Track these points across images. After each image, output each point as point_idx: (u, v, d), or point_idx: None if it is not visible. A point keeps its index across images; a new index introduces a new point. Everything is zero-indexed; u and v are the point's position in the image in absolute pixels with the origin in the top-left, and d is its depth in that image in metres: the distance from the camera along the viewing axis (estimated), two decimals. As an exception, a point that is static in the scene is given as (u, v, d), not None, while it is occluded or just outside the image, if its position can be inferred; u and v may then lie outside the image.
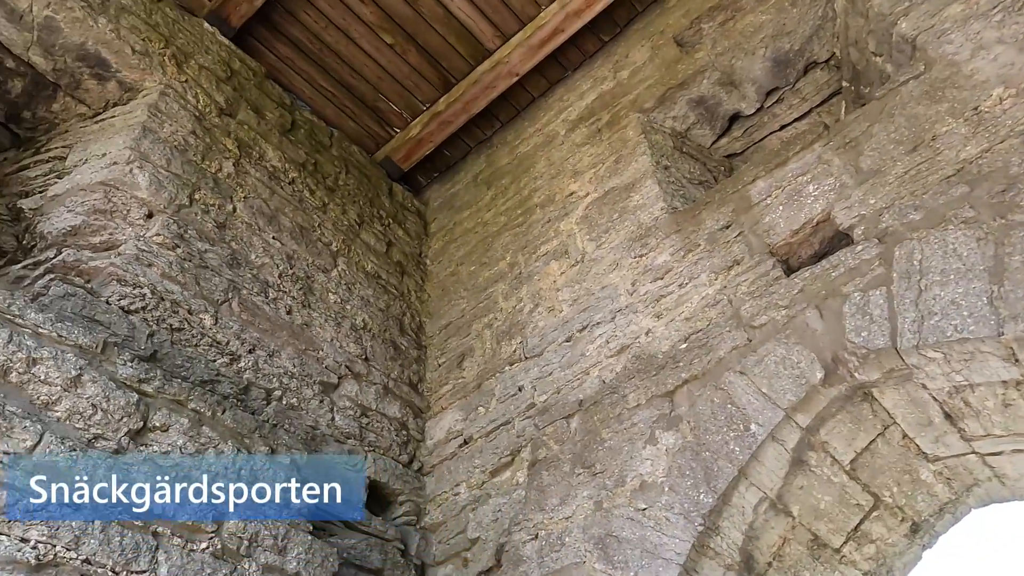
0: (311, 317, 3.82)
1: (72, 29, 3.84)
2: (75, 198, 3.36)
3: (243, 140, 4.25)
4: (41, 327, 2.43)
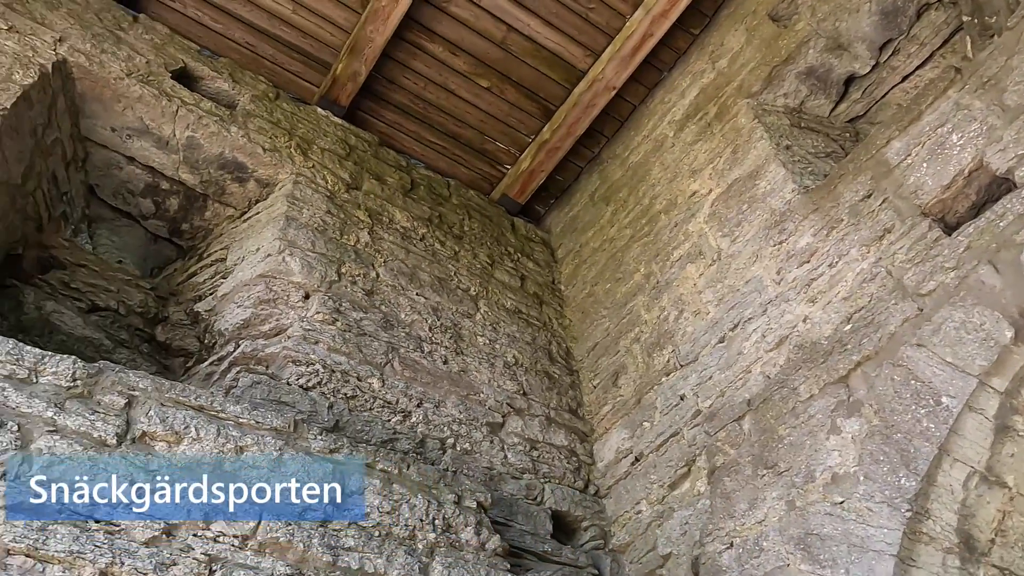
0: (465, 363, 3.97)
1: (210, 143, 4.24)
2: (241, 294, 3.68)
3: (372, 209, 4.50)
4: (240, 417, 2.67)
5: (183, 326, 3.83)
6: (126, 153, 4.20)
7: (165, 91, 4.20)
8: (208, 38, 4.82)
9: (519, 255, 5.22)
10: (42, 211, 3.80)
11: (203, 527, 2.29)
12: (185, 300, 3.97)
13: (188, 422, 2.50)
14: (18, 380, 2.32)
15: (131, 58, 4.22)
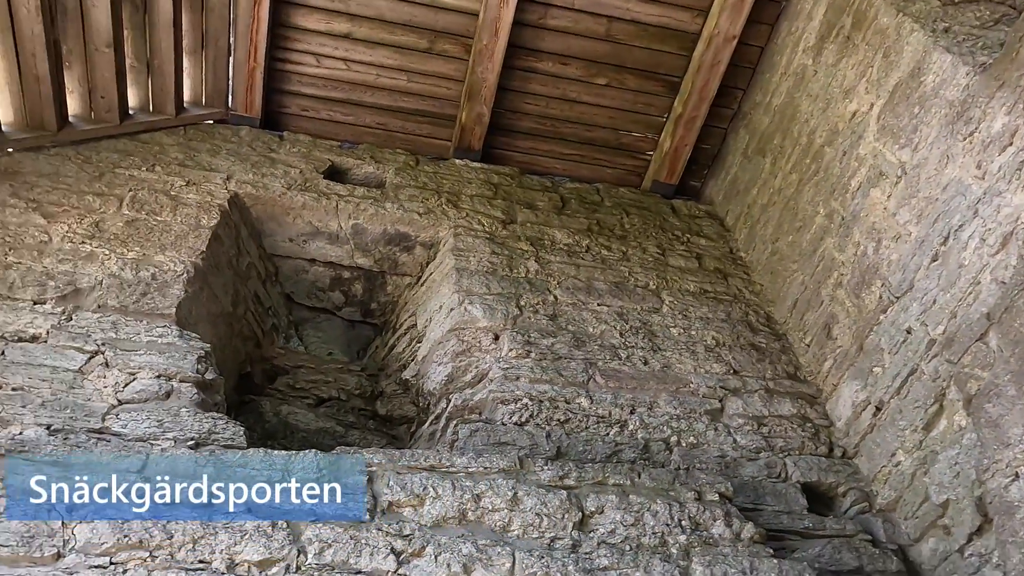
0: (666, 358, 3.88)
1: (372, 224, 4.53)
2: (438, 352, 3.87)
3: (532, 236, 4.58)
4: (469, 467, 2.78)
5: (397, 396, 4.08)
6: (307, 256, 4.59)
7: (322, 191, 4.56)
8: (344, 131, 5.19)
9: (688, 236, 5.07)
10: (255, 329, 4.24)
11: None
12: (393, 372, 4.24)
13: (425, 483, 2.65)
14: (276, 483, 2.59)
15: (287, 173, 4.64)
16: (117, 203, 4.00)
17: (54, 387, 2.93)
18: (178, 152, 4.56)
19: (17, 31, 3.92)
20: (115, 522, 2.32)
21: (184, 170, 4.40)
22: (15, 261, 3.47)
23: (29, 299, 3.31)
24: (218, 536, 2.36)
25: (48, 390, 2.91)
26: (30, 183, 3.97)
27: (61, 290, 3.39)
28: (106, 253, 3.65)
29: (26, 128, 4.20)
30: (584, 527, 2.68)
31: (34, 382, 2.93)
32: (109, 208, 3.95)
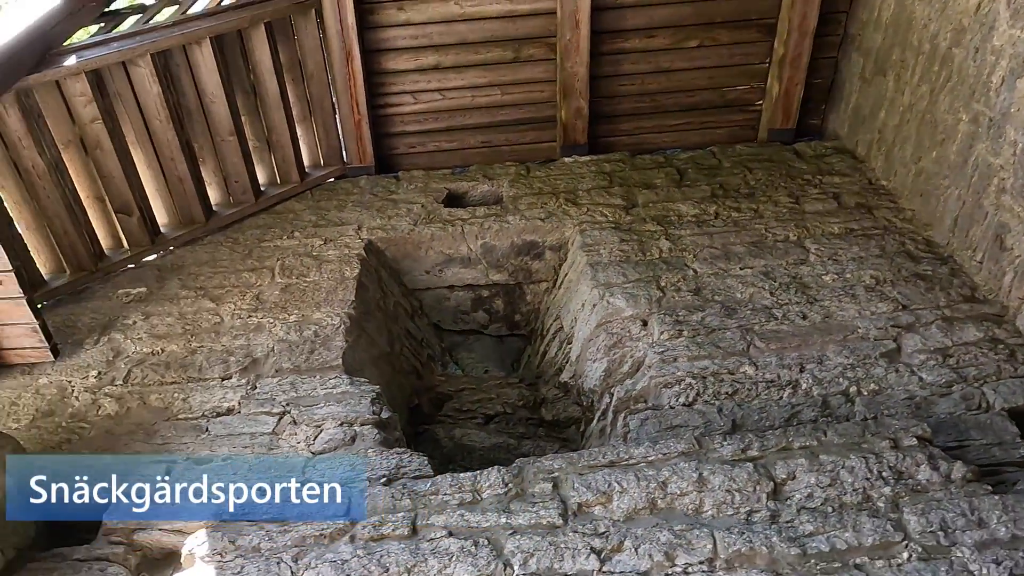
0: (825, 308, 3.71)
1: (499, 240, 4.64)
2: (590, 350, 3.90)
3: (657, 216, 4.52)
4: (648, 456, 2.78)
5: (560, 399, 4.14)
6: (445, 284, 4.76)
7: (446, 220, 4.72)
8: (453, 158, 5.35)
9: (819, 177, 4.82)
10: (414, 363, 4.44)
11: (670, 566, 2.40)
12: (550, 377, 4.30)
13: (608, 480, 2.67)
14: (468, 504, 2.70)
15: (410, 210, 4.83)
16: (270, 274, 4.32)
17: (255, 451, 3.21)
18: (310, 215, 4.87)
19: (155, 141, 4.34)
20: (335, 563, 2.51)
21: (319, 230, 4.69)
22: (198, 345, 3.83)
23: (217, 377, 3.65)
24: (428, 562, 2.49)
25: (251, 454, 3.18)
26: (194, 273, 4.37)
27: (241, 363, 3.71)
28: (271, 321, 3.95)
29: (180, 225, 4.63)
30: (778, 496, 2.61)
31: (237, 450, 3.22)
32: (264, 280, 4.28)
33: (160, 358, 3.78)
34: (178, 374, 3.69)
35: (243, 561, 2.58)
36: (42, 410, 3.58)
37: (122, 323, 4.02)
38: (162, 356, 3.79)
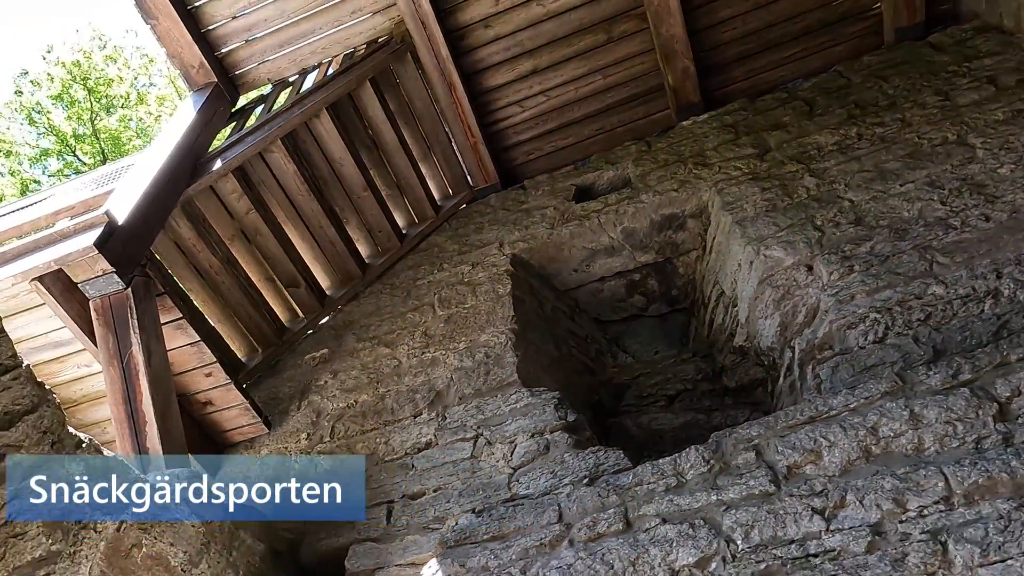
0: (1009, 203, 3.37)
1: (637, 221, 4.60)
2: (757, 309, 3.77)
3: (795, 155, 4.31)
4: (849, 404, 2.66)
5: (738, 365, 4.04)
6: (595, 278, 4.78)
7: (580, 215, 4.75)
8: (572, 153, 5.37)
9: (966, 65, 4.39)
10: (584, 360, 4.50)
11: (902, 512, 2.28)
12: (723, 344, 4.21)
13: (813, 436, 2.58)
14: (674, 488, 2.70)
15: (544, 216, 4.90)
16: (431, 309, 4.53)
17: (460, 476, 3.38)
18: (452, 244, 5.06)
19: (302, 215, 4.69)
20: (562, 568, 2.59)
21: (464, 256, 4.87)
22: (385, 390, 4.09)
23: (409, 415, 3.88)
24: (649, 552, 2.51)
25: (458, 481, 3.36)
26: (364, 325, 4.66)
27: (427, 398, 3.91)
28: (443, 353, 4.14)
29: (341, 284, 4.97)
30: (1006, 416, 2.41)
31: (444, 479, 3.40)
32: (427, 316, 4.50)
33: (356, 409, 4.07)
34: (374, 420, 3.96)
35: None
36: (270, 477, 3.95)
37: (315, 385, 4.36)
38: (357, 407, 4.08)
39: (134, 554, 2.61)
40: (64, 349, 3.86)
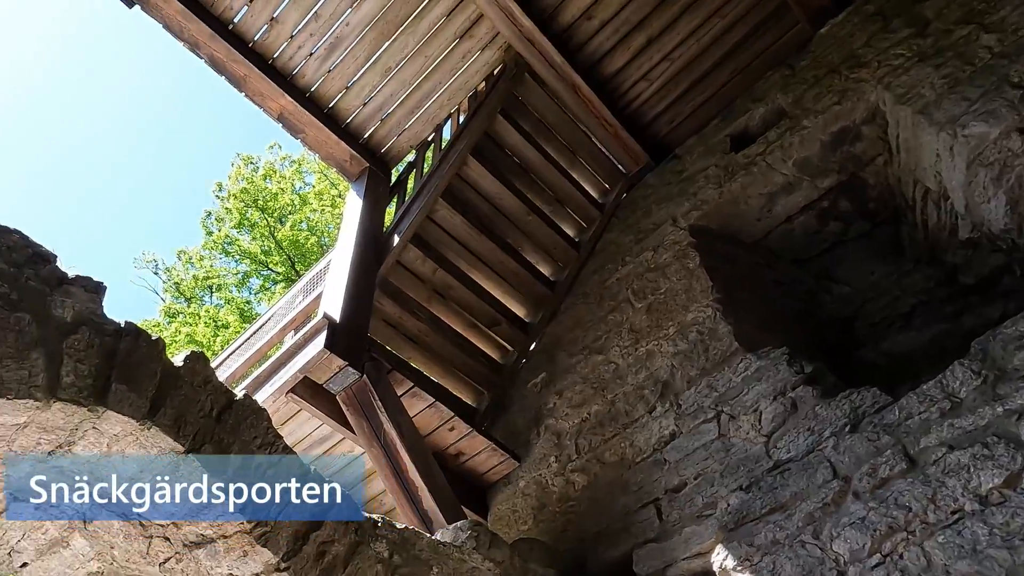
0: None
1: (806, 148, 4.35)
2: (975, 193, 3.43)
3: (961, 17, 3.89)
4: None
5: (973, 258, 3.70)
6: (781, 220, 4.57)
7: (743, 164, 4.58)
8: (713, 105, 5.19)
9: None
10: (798, 306, 4.31)
11: None
12: (946, 242, 3.87)
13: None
14: (950, 411, 2.52)
15: (707, 177, 4.78)
16: (628, 305, 4.56)
17: (715, 458, 3.36)
18: (626, 236, 5.05)
19: (481, 257, 4.91)
20: (856, 523, 2.50)
21: (642, 244, 4.85)
22: (612, 395, 4.16)
23: (643, 413, 3.91)
24: (947, 484, 2.37)
25: (715, 463, 3.34)
26: (571, 339, 4.77)
27: (655, 391, 3.93)
28: (656, 343, 4.15)
29: (537, 309, 5.12)
30: None
31: (701, 464, 3.40)
32: (626, 313, 4.52)
33: (591, 421, 4.17)
34: (612, 426, 4.03)
35: (771, 557, 2.69)
36: (535, 507, 4.15)
37: (545, 409, 4.53)
38: (592, 419, 4.18)
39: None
40: (329, 442, 4.31)
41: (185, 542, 2.51)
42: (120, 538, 2.48)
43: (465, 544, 3.11)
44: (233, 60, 4.77)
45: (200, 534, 2.49)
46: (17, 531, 2.49)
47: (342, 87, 5.10)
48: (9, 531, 2.50)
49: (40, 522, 2.51)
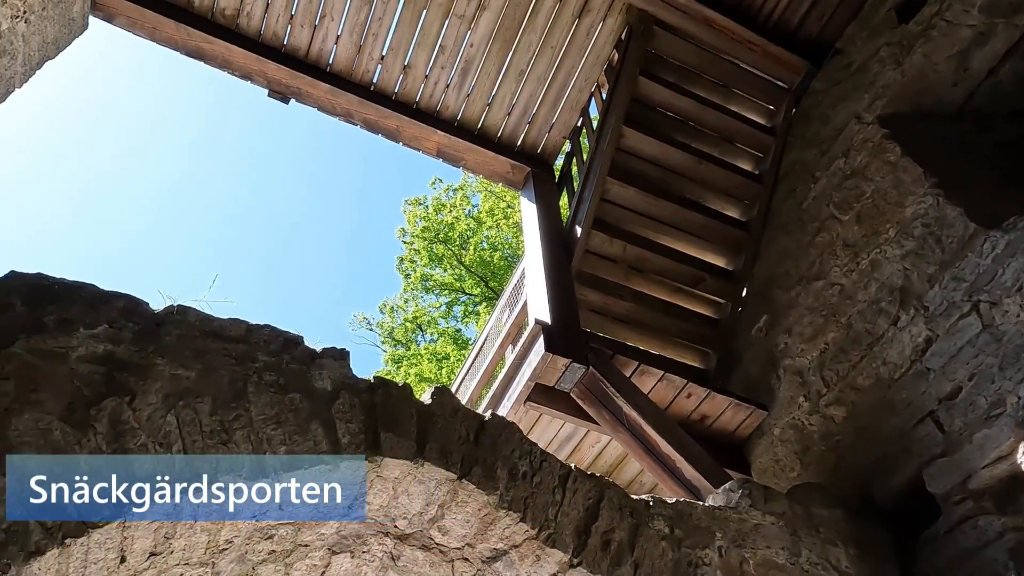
0: None
1: None
2: None
3: None
4: None
5: None
6: (982, 76, 4.08)
7: (918, 32, 4.14)
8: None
9: None
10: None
11: None
12: None
13: None
14: None
15: (882, 60, 4.37)
16: (835, 221, 4.26)
17: (987, 352, 3.06)
18: (810, 150, 4.73)
19: (664, 220, 4.83)
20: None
21: (829, 153, 4.52)
22: (845, 318, 3.91)
23: (887, 326, 3.65)
24: None
25: (989, 357, 3.03)
26: (783, 274, 4.54)
27: (893, 300, 3.63)
28: (878, 251, 3.86)
29: (736, 254, 4.92)
30: None
31: (973, 363, 3.11)
32: (835, 229, 4.24)
33: (831, 350, 3.95)
34: (857, 350, 3.79)
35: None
36: (798, 451, 3.99)
37: (778, 351, 4.34)
38: (831, 347, 3.96)
39: (746, 569, 2.82)
40: (575, 439, 4.43)
41: (482, 559, 2.70)
42: (427, 567, 2.72)
43: (740, 504, 3.07)
44: (383, 117, 5.08)
45: (492, 548, 2.67)
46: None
47: (484, 105, 5.25)
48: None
49: (358, 566, 2.82)
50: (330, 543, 2.69)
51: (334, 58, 4.92)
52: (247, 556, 2.51)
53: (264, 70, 4.79)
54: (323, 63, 4.91)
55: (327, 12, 4.74)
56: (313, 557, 2.71)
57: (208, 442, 2.25)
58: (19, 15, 3.54)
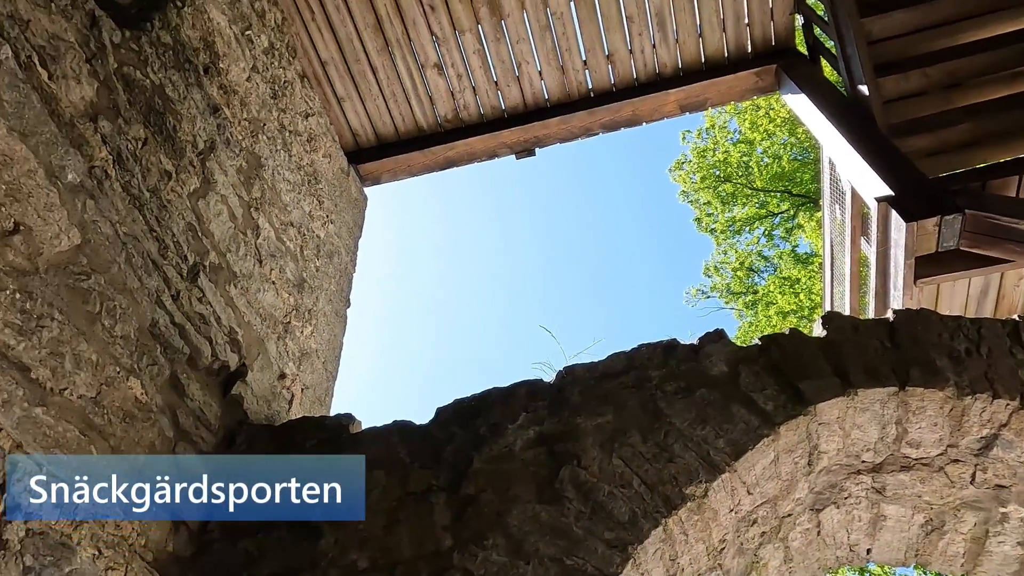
0: None
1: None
2: None
3: None
4: None
5: None
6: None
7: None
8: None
9: None
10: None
11: None
12: None
13: None
14: None
15: None
16: None
17: None
18: None
19: (945, 21, 4.14)
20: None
21: None
22: None
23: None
24: None
25: None
26: None
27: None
28: None
29: None
30: None
31: None
32: None
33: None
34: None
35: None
36: None
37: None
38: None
39: None
40: (992, 289, 3.92)
41: (973, 452, 2.47)
42: (919, 485, 2.56)
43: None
44: (615, 112, 5.10)
45: (979, 438, 2.43)
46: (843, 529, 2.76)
47: (696, 39, 4.99)
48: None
49: (848, 512, 2.75)
50: (808, 504, 2.67)
51: (547, 92, 5.11)
52: (744, 547, 2.59)
53: (502, 141, 5.14)
54: (541, 102, 5.12)
55: (520, 60, 4.96)
56: (801, 523, 2.71)
57: (656, 466, 2.39)
58: (327, 220, 4.27)
